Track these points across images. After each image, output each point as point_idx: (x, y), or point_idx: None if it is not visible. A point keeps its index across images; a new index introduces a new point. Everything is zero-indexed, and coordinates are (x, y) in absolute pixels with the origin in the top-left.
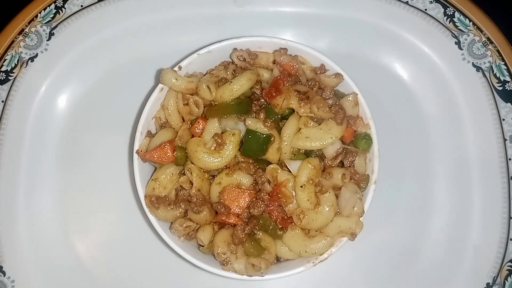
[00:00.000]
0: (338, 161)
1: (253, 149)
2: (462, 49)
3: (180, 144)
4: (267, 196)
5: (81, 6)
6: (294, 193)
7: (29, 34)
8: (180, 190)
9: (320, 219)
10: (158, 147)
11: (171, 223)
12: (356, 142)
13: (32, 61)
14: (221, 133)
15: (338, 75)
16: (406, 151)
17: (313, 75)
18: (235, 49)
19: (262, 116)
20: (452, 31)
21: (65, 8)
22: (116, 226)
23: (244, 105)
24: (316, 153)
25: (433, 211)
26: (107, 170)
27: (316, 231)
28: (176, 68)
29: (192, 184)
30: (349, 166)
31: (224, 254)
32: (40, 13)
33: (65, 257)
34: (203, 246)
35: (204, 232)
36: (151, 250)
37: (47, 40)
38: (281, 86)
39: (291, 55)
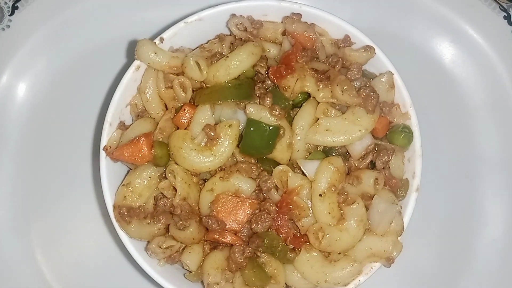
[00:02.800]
0: (367, 161)
1: (256, 145)
2: None
3: (160, 139)
4: (274, 208)
5: None
6: (310, 203)
7: None
8: (160, 199)
9: (345, 239)
10: (130, 142)
11: (148, 242)
12: (392, 136)
13: None
14: (214, 124)
15: (368, 48)
16: (444, 151)
17: (334, 50)
18: (233, 15)
19: (268, 102)
20: (501, 2)
21: None
22: (82, 243)
23: (245, 88)
24: (338, 151)
25: (480, 223)
26: (71, 171)
27: (340, 253)
28: (156, 40)
29: (175, 191)
30: (383, 168)
31: (217, 284)
32: None
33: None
34: (190, 272)
35: (191, 255)
36: (124, 276)
37: (10, 15)
38: (293, 62)
39: (306, 22)
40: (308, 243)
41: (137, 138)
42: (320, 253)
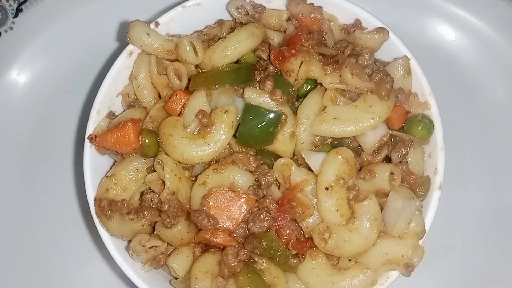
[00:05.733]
0: (382, 156)
1: (255, 134)
2: None
3: (150, 128)
4: (274, 205)
5: None
6: (315, 200)
7: None
8: (147, 193)
9: (356, 241)
10: (115, 127)
11: (129, 241)
12: (410, 127)
13: None
14: (210, 113)
15: (381, 30)
16: (466, 150)
17: (344, 36)
18: None
19: (268, 86)
20: None
21: None
22: (57, 244)
23: (244, 72)
24: (349, 145)
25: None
26: (51, 164)
27: (350, 260)
28: (152, 25)
29: (164, 185)
30: (400, 162)
31: None
32: None
33: None
34: (177, 279)
35: (178, 257)
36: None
37: (14, 17)
38: (298, 45)
39: (312, 4)
40: (313, 248)
41: (123, 122)
42: (327, 261)
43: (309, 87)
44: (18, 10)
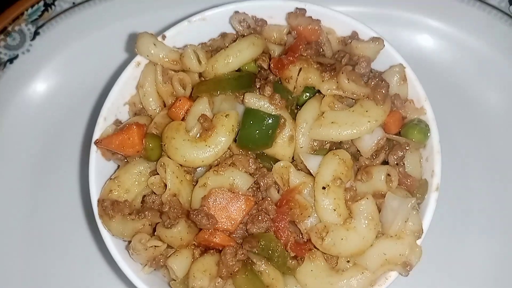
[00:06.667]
0: (380, 160)
1: (254, 137)
2: None
3: (154, 133)
4: (273, 207)
5: (73, 3)
6: (314, 202)
7: (12, 33)
8: (149, 195)
9: (353, 239)
10: (121, 129)
11: (130, 242)
12: (407, 131)
13: (11, 62)
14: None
15: (376, 39)
16: (463, 150)
17: (341, 47)
18: (236, 12)
19: (268, 92)
20: None
21: (54, 6)
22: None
23: (245, 80)
24: (346, 149)
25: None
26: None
27: (348, 261)
28: (159, 38)
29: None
30: (396, 165)
31: None
32: (27, 10)
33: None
34: (175, 281)
35: (178, 258)
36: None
37: (31, 40)
38: (297, 54)
39: (310, 17)
40: (312, 250)
41: (128, 125)
42: (326, 263)
43: (308, 96)
44: (36, 33)
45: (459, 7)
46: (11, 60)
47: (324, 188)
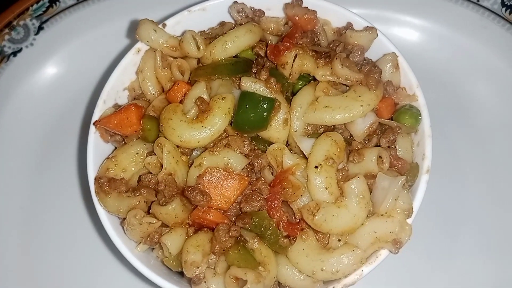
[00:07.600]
0: (372, 144)
1: (250, 119)
2: None
3: (152, 114)
4: (266, 187)
5: (77, 0)
6: (306, 182)
7: (16, 28)
8: (146, 175)
9: (344, 217)
10: (119, 110)
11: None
12: (399, 116)
13: (15, 55)
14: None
15: (370, 28)
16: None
17: (336, 37)
18: (235, 2)
19: (264, 76)
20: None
21: (59, 2)
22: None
23: (242, 65)
24: (340, 133)
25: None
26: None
27: (339, 240)
28: (160, 26)
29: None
30: (388, 147)
31: (197, 268)
32: (32, 6)
33: None
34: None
35: (171, 235)
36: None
37: (35, 35)
38: (293, 41)
39: (307, 7)
40: (304, 229)
41: (126, 105)
42: (318, 243)
43: (303, 84)
44: (40, 28)
45: (453, 7)
46: (14, 53)
47: (316, 167)
